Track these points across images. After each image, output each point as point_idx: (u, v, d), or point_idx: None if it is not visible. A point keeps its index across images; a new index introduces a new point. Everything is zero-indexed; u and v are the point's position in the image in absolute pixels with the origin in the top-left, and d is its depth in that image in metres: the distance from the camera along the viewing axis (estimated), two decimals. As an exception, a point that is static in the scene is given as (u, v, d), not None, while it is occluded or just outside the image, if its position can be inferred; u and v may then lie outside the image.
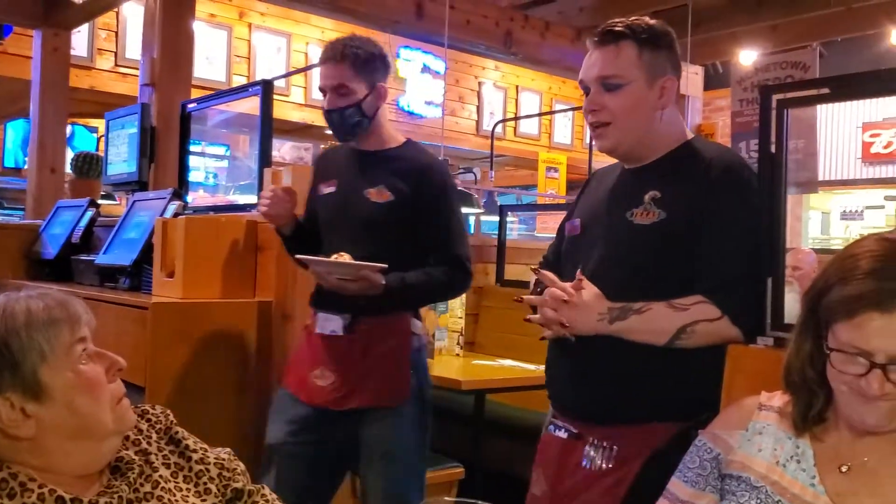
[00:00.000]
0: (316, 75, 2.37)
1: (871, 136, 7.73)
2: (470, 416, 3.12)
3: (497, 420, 3.51)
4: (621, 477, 1.48)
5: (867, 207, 7.79)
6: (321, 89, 2.20)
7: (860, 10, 5.68)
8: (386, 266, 2.07)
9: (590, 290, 1.52)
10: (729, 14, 6.21)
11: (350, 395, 2.14)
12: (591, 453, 1.54)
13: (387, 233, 2.16)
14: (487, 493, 1.15)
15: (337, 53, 2.15)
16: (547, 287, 1.57)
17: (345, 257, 2.05)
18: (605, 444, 1.52)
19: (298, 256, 2.13)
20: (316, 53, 6.68)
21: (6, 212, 9.83)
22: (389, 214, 2.15)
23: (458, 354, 3.44)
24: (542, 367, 3.13)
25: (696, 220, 1.49)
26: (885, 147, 7.70)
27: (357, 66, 2.15)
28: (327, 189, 2.27)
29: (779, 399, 1.26)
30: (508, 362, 3.34)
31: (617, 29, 1.57)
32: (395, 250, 2.13)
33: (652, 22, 1.59)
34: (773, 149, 1.43)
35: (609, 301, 1.50)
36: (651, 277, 1.51)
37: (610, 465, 1.51)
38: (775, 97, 1.42)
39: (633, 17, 1.59)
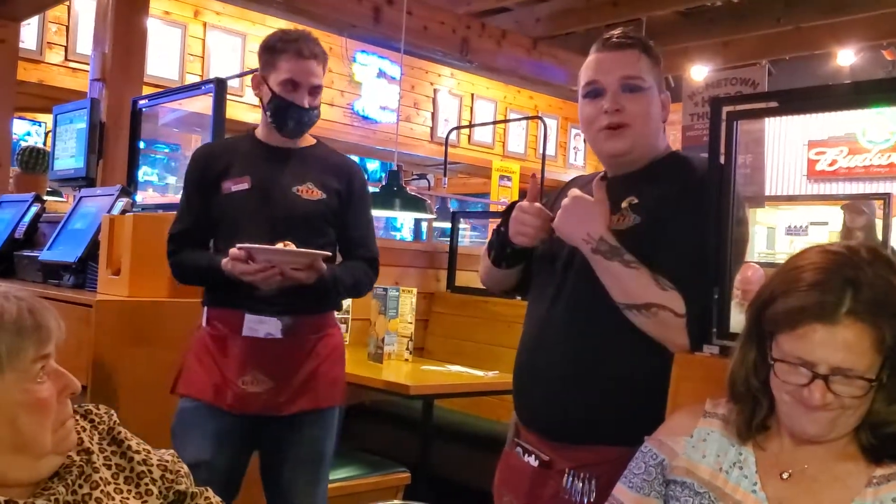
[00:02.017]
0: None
1: (817, 153, 7.95)
2: (418, 422, 3.11)
3: (445, 426, 3.51)
4: None
5: (811, 223, 7.99)
6: (292, 82, 2.10)
7: (808, 29, 5.86)
8: (331, 254, 2.08)
9: (599, 201, 1.50)
10: (681, 29, 6.34)
11: (292, 399, 2.09)
12: (571, 485, 1.49)
13: (314, 230, 2.14)
14: (433, 498, 1.14)
15: (318, 52, 2.13)
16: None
17: (291, 246, 2.00)
18: (582, 474, 1.48)
19: (243, 246, 1.96)
20: (272, 54, 6.60)
21: (-55, 206, 9.52)
22: (320, 212, 2.14)
23: (406, 360, 3.43)
24: (491, 374, 3.18)
25: (669, 216, 1.50)
26: (830, 165, 7.92)
27: (324, 67, 2.18)
28: (237, 186, 2.13)
29: (723, 406, 1.28)
30: (457, 368, 3.35)
31: (633, 37, 1.59)
32: (320, 247, 2.11)
33: (648, 39, 1.64)
34: (722, 160, 1.45)
35: (608, 237, 1.47)
36: None
37: (592, 499, 1.46)
38: (725, 109, 1.45)
39: (632, 30, 1.63)
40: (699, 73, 5.91)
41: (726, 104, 1.46)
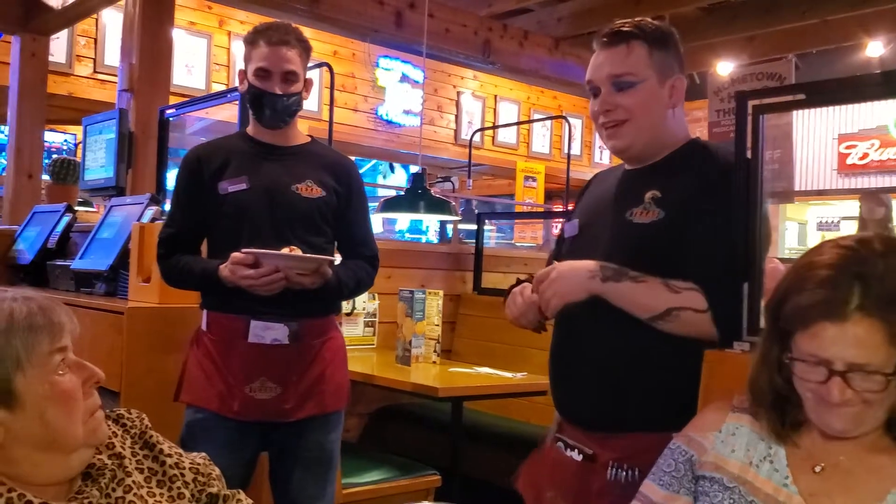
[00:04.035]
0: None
1: (847, 147, 7.83)
2: (446, 424, 3.11)
3: (474, 428, 3.51)
4: None
5: (843, 218, 7.88)
6: (263, 70, 2.07)
7: (835, 22, 5.78)
8: (335, 259, 2.07)
9: (567, 262, 1.53)
10: (705, 26, 6.29)
11: (300, 404, 2.07)
12: (616, 477, 1.48)
13: (316, 227, 2.12)
14: (464, 501, 1.14)
15: (290, 38, 2.10)
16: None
17: (296, 251, 1.98)
18: (625, 465, 1.48)
19: (250, 251, 1.93)
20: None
21: (-20, 218, 9.70)
22: (321, 210, 2.13)
23: (434, 362, 3.43)
24: (520, 375, 3.17)
25: (693, 214, 1.49)
26: (861, 158, 7.80)
27: (303, 55, 2.14)
28: (234, 186, 2.09)
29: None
30: (486, 370, 3.34)
31: (626, 29, 1.56)
32: (321, 246, 2.12)
33: (657, 22, 1.60)
34: (748, 154, 1.44)
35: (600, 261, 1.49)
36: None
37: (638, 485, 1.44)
38: (751, 103, 1.43)
39: (638, 18, 1.59)
40: (724, 69, 5.85)
41: (752, 98, 1.45)
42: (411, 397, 3.20)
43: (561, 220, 8.86)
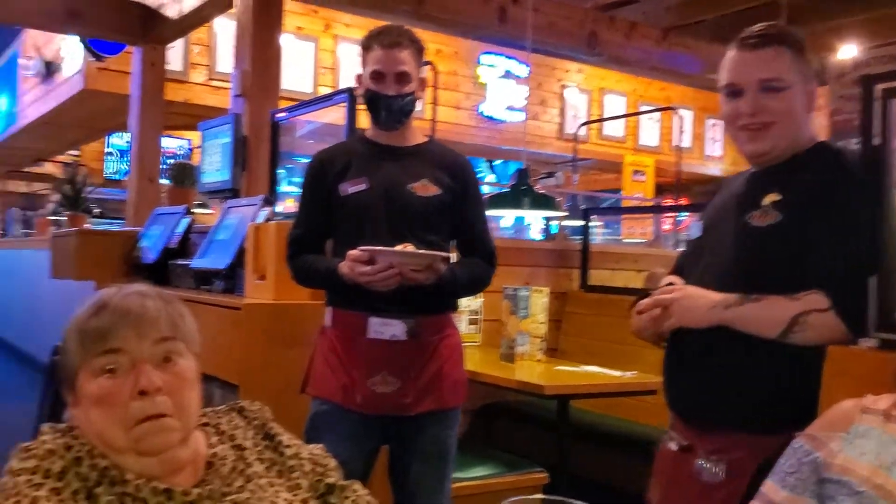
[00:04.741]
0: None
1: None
2: (552, 422, 3.09)
3: (581, 426, 3.47)
4: (733, 490, 1.46)
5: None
6: (378, 73, 2.12)
7: (968, -1, 5.39)
8: (450, 256, 2.09)
9: (693, 288, 1.55)
10: (824, 8, 5.99)
11: (419, 399, 2.11)
12: (702, 467, 1.52)
13: (432, 226, 2.15)
14: (573, 498, 1.14)
15: (403, 39, 2.15)
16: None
17: (410, 248, 2.02)
18: (714, 457, 1.51)
19: (365, 249, 1.99)
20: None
21: (108, 221, 10.32)
22: (437, 208, 2.16)
23: (539, 360, 3.41)
24: (629, 374, 3.11)
25: (814, 214, 1.47)
26: None
27: (416, 55, 2.18)
28: (355, 188, 2.16)
29: (885, 402, 1.20)
30: (593, 368, 3.29)
31: (772, 32, 1.56)
32: (437, 244, 2.14)
33: (791, 28, 1.61)
34: (876, 141, 1.36)
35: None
36: (765, 282, 1.48)
37: (721, 479, 1.50)
38: (879, 87, 1.36)
39: (773, 23, 1.60)
40: (847, 52, 5.56)
41: (879, 81, 1.38)
42: (516, 395, 3.18)
43: (671, 214, 8.66)
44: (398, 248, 2.01)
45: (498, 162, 11.33)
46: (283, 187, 3.70)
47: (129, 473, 1.05)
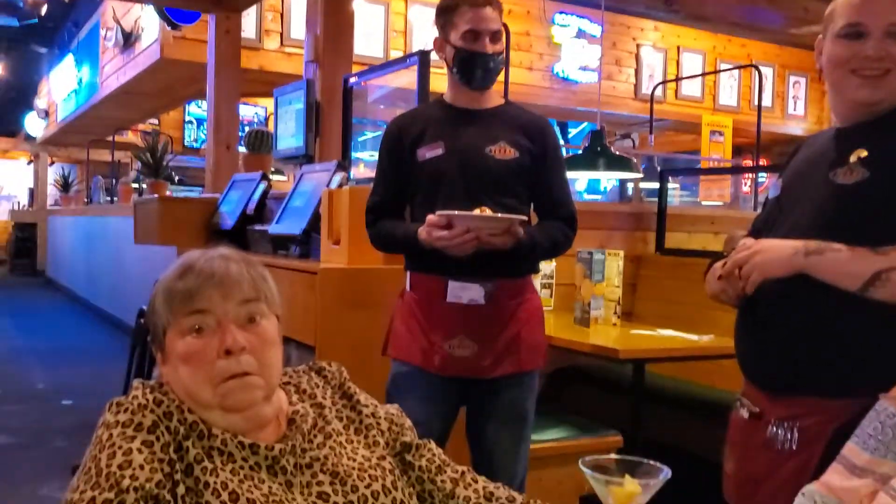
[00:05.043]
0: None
1: None
2: (627, 386, 3.06)
3: (656, 390, 3.43)
4: (806, 459, 1.43)
5: None
6: (473, 32, 2.10)
7: None
8: (526, 219, 2.08)
9: (769, 240, 1.49)
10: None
11: (497, 362, 2.13)
12: (775, 434, 1.49)
13: (509, 190, 2.14)
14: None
15: None
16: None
17: (487, 212, 2.01)
18: (787, 424, 1.47)
19: (442, 214, 1.99)
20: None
21: (188, 188, 10.62)
22: (514, 171, 2.14)
23: (614, 324, 3.38)
24: (706, 338, 3.06)
25: None
26: None
27: (500, 14, 2.17)
28: (432, 152, 2.15)
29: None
30: (669, 332, 3.24)
31: None
32: (516, 207, 2.12)
33: None
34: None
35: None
36: (849, 241, 1.42)
37: (794, 447, 1.46)
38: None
39: None
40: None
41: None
42: (589, 359, 3.17)
43: (751, 175, 8.42)
44: (475, 212, 2.01)
45: (571, 133, 11.16)
46: (355, 152, 3.73)
47: (215, 428, 1.08)
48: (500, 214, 2.03)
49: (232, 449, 1.08)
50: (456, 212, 2.00)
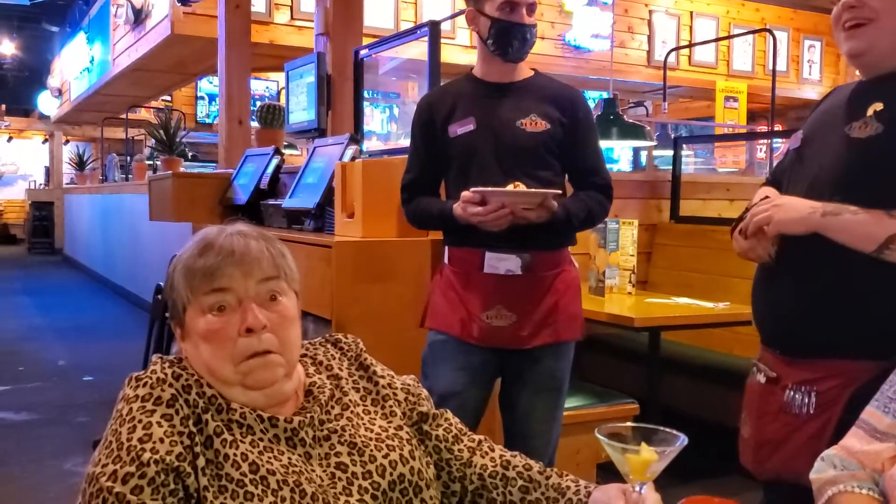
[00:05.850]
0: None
1: None
2: (643, 354, 3.07)
3: (672, 358, 3.44)
4: (824, 422, 1.43)
5: None
6: (511, 3, 2.09)
7: None
8: (561, 192, 2.08)
9: (787, 196, 1.49)
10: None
11: (535, 333, 2.14)
12: (792, 398, 1.48)
13: (542, 162, 2.14)
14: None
15: None
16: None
17: (521, 187, 2.02)
18: (804, 388, 1.47)
19: (476, 190, 2.01)
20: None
21: (201, 164, 10.64)
22: (546, 143, 2.13)
23: (629, 293, 3.38)
24: (722, 305, 3.05)
25: None
26: None
27: None
28: (463, 128, 2.16)
29: None
30: (684, 300, 3.24)
31: None
32: (549, 178, 2.12)
33: None
34: None
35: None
36: (865, 196, 1.41)
37: (811, 411, 1.46)
38: None
39: None
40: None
41: None
42: (605, 328, 3.17)
43: (766, 141, 8.33)
44: (509, 187, 2.02)
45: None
46: (367, 125, 3.72)
47: (234, 403, 1.10)
48: (533, 189, 2.03)
49: (251, 422, 1.10)
50: (489, 188, 2.01)
